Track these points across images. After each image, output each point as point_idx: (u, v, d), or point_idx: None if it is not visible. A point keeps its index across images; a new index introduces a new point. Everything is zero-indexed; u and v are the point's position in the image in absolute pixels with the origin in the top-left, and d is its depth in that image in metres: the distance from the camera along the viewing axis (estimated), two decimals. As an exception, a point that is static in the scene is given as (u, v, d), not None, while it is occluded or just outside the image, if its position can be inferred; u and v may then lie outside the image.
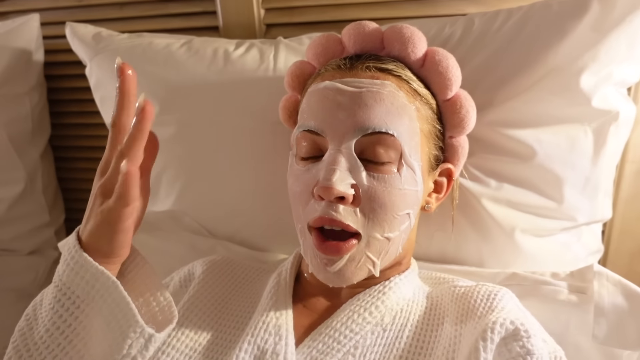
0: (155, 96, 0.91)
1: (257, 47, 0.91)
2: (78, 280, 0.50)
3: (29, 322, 0.53)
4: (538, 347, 0.53)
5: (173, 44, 0.93)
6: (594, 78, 0.73)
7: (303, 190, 0.60)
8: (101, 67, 0.96)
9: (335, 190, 0.55)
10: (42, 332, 0.51)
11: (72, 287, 0.50)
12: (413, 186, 0.60)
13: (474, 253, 0.81)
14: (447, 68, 0.64)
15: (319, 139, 0.60)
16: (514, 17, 0.78)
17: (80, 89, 1.17)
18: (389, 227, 0.59)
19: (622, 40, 0.72)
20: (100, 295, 0.50)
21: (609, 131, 0.76)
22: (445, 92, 0.65)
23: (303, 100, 0.65)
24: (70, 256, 0.51)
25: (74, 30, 0.99)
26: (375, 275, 0.61)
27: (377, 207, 0.58)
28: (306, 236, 0.61)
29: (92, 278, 0.50)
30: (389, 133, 0.58)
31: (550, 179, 0.77)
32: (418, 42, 0.64)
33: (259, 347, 0.58)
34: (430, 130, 0.64)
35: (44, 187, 1.20)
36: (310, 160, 0.61)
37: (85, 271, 0.50)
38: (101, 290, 0.50)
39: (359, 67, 0.62)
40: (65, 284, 0.51)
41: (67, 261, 0.51)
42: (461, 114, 0.66)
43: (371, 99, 0.58)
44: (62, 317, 0.50)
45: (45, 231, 1.22)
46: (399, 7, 0.97)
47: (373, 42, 0.66)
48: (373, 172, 0.58)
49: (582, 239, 0.83)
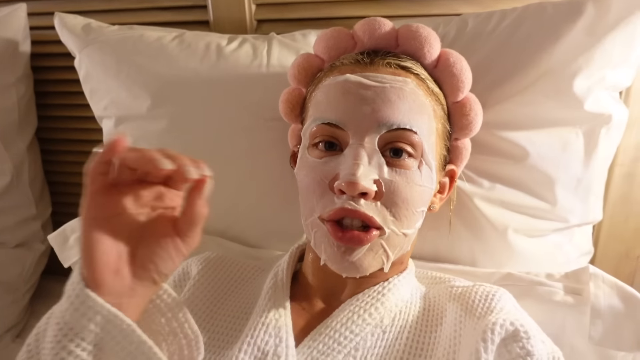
0: (146, 89, 0.90)
1: (249, 42, 0.90)
2: (85, 323, 0.45)
3: (30, 356, 0.49)
4: (537, 348, 0.54)
5: (164, 37, 0.92)
6: (587, 82, 0.74)
7: (319, 183, 0.59)
8: (91, 58, 0.94)
9: (360, 185, 0.54)
10: None
11: (79, 332, 0.45)
12: (430, 184, 0.60)
13: (466, 252, 0.82)
14: (461, 70, 0.65)
15: (340, 132, 0.59)
16: (508, 19, 0.78)
17: (68, 81, 1.15)
18: (408, 223, 0.59)
19: (616, 44, 0.73)
20: (117, 341, 0.45)
21: (599, 134, 0.77)
22: (457, 93, 0.65)
23: (316, 93, 0.64)
24: (75, 294, 0.45)
25: (62, 20, 0.98)
26: (384, 271, 0.60)
27: (400, 201, 0.57)
28: (319, 227, 0.59)
29: (103, 320, 0.45)
30: (412, 130, 0.58)
31: (542, 180, 0.78)
32: (434, 42, 0.65)
33: (259, 349, 0.58)
34: (442, 130, 0.64)
35: (31, 180, 1.18)
36: (327, 152, 0.60)
37: (95, 313, 0.45)
38: (117, 336, 0.45)
39: (379, 63, 0.62)
40: (68, 323, 0.45)
41: (70, 299, 0.46)
42: (470, 117, 0.66)
43: (395, 95, 0.58)
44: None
45: (32, 224, 1.21)
46: (392, 5, 0.97)
47: (388, 40, 0.66)
48: (395, 167, 0.58)
49: (574, 240, 0.84)
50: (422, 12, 0.95)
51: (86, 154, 0.52)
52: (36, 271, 1.22)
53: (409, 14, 0.95)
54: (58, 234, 0.87)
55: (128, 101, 0.92)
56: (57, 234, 0.87)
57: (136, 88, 0.90)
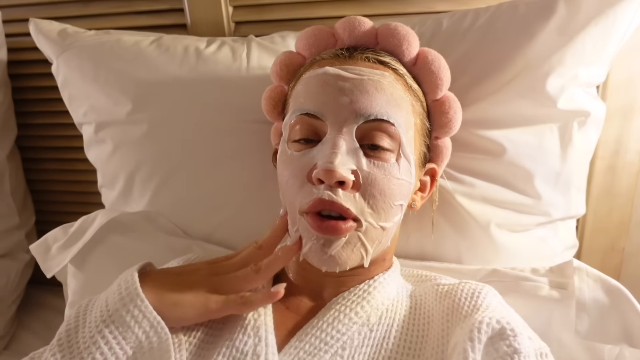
0: (126, 94, 0.89)
1: (228, 45, 0.90)
2: (131, 323, 0.54)
3: (77, 323, 0.56)
4: (524, 346, 0.54)
5: (142, 41, 0.91)
6: (560, 80, 0.75)
7: (297, 175, 0.59)
8: (68, 64, 0.93)
9: (338, 173, 0.54)
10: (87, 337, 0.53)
11: (125, 337, 0.53)
12: (408, 177, 0.60)
13: (452, 249, 0.82)
14: (439, 68, 0.65)
15: (318, 122, 0.59)
16: (482, 18, 0.78)
17: (47, 88, 1.14)
18: (385, 216, 0.59)
19: (588, 42, 0.74)
20: (151, 346, 0.54)
21: (573, 127, 0.78)
22: (436, 91, 0.66)
23: (296, 87, 0.64)
24: (133, 303, 0.54)
25: (38, 26, 0.96)
26: (364, 266, 0.60)
27: (377, 193, 0.57)
28: (300, 221, 0.59)
29: (147, 327, 0.54)
30: (390, 121, 0.58)
31: (521, 175, 0.79)
32: (413, 40, 0.66)
33: (238, 349, 0.57)
34: (421, 127, 0.64)
35: (12, 189, 1.17)
36: (306, 145, 0.60)
37: (143, 318, 0.54)
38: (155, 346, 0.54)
39: (358, 57, 0.62)
40: (113, 317, 0.54)
41: (122, 295, 0.55)
42: (449, 115, 0.67)
43: (372, 87, 0.58)
44: None
45: (15, 234, 1.19)
46: (369, 4, 0.97)
47: (367, 38, 0.67)
48: (373, 159, 0.58)
49: (558, 234, 0.85)
50: (398, 11, 0.96)
51: (68, 160, 0.53)
52: (22, 281, 1.20)
53: (386, 13, 0.96)
54: (40, 243, 0.86)
55: (107, 107, 0.91)
56: (39, 243, 0.86)
57: (115, 93, 0.89)
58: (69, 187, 1.25)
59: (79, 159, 1.14)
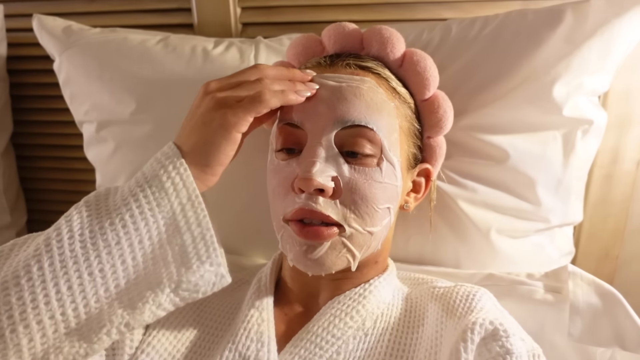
0: (130, 93, 0.88)
1: (236, 46, 0.90)
2: (169, 198, 0.53)
3: (107, 193, 0.56)
4: (517, 347, 0.54)
5: (148, 40, 0.91)
6: (565, 88, 0.76)
7: (282, 184, 0.60)
8: (72, 62, 0.92)
9: (315, 181, 0.55)
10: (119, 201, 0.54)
11: (160, 203, 0.53)
12: (393, 181, 0.61)
13: (451, 254, 0.83)
14: (425, 68, 0.66)
15: (299, 132, 0.60)
16: (490, 25, 0.80)
17: (46, 85, 1.12)
18: (371, 221, 0.59)
19: (594, 51, 0.75)
20: (186, 220, 0.53)
21: (576, 135, 0.79)
22: (423, 91, 0.66)
23: None
24: (174, 165, 0.54)
25: (41, 22, 0.95)
26: (351, 269, 0.61)
27: (358, 198, 0.58)
28: (285, 228, 0.60)
29: (185, 199, 0.53)
30: (368, 127, 0.58)
31: (523, 181, 0.80)
32: (397, 42, 0.66)
33: (241, 354, 0.58)
34: (409, 129, 0.64)
35: (5, 187, 1.15)
36: (290, 154, 0.61)
37: (182, 191, 0.53)
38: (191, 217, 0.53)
39: (339, 64, 0.63)
40: (153, 186, 0.53)
41: (168, 173, 0.54)
42: (439, 114, 0.67)
43: (350, 94, 0.59)
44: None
45: (6, 233, 1.16)
46: (377, 10, 0.98)
47: (352, 42, 0.67)
48: (353, 165, 0.58)
49: (555, 241, 0.86)
50: (406, 17, 0.97)
51: (64, 159, 0.52)
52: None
53: (394, 19, 0.97)
54: None
55: (111, 105, 0.90)
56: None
57: (120, 92, 0.89)
58: (63, 186, 1.24)
59: (75, 157, 1.13)
